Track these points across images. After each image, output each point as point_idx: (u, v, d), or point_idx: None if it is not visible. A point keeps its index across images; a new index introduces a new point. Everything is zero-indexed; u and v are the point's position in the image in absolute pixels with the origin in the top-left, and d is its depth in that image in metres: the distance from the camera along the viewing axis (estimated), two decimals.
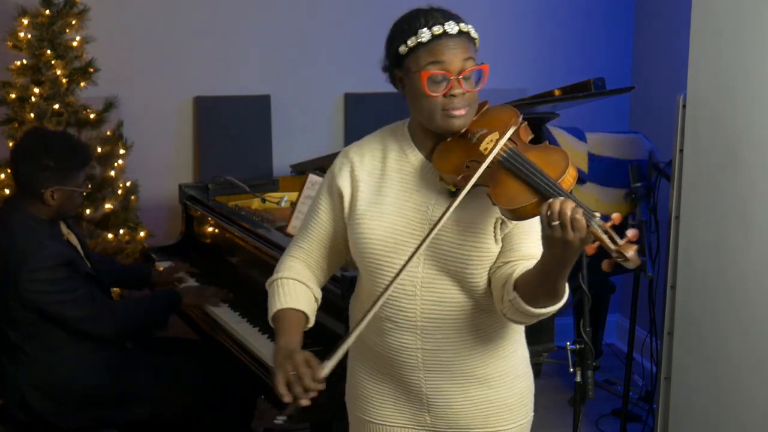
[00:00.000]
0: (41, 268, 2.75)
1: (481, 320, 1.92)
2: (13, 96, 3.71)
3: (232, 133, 4.28)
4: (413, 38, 1.82)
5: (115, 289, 3.63)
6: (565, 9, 4.69)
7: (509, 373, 1.99)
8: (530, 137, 1.88)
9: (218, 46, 4.26)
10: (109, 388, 2.89)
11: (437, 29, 1.81)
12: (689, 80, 2.94)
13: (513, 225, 1.85)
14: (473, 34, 1.85)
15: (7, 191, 3.73)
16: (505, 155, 1.77)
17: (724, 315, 2.84)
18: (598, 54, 4.71)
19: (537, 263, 1.73)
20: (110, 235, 3.83)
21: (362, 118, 4.44)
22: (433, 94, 1.81)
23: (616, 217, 1.61)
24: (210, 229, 3.60)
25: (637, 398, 4.02)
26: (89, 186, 3.00)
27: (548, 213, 1.60)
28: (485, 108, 1.92)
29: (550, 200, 1.61)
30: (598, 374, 4.14)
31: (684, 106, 2.97)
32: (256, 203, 3.58)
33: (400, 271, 1.79)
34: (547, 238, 1.63)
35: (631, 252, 1.56)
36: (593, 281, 3.00)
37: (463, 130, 1.86)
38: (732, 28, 2.74)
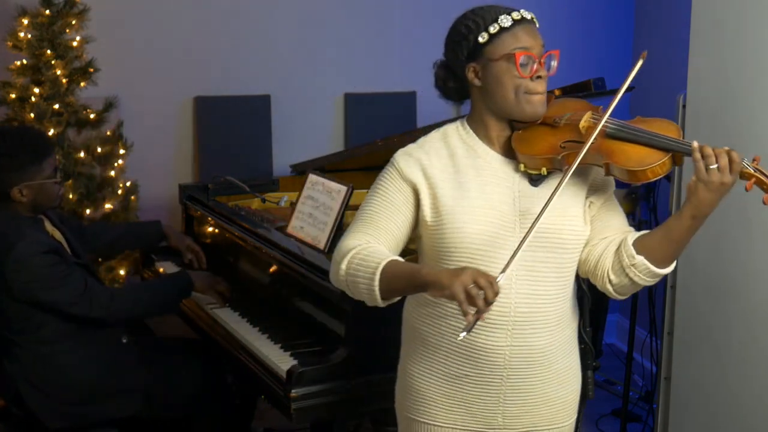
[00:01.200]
0: (27, 256, 2.73)
1: (565, 311, 1.95)
2: (13, 96, 3.71)
3: (232, 133, 4.28)
4: (495, 24, 1.85)
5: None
6: (565, 9, 4.69)
7: (575, 368, 2.04)
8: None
9: (218, 46, 4.26)
10: (104, 383, 2.87)
11: (516, 15, 1.86)
12: (689, 80, 2.94)
13: (599, 205, 1.93)
14: (537, 23, 1.92)
15: None
16: (613, 126, 1.85)
17: (724, 315, 2.84)
18: (598, 54, 4.71)
19: (671, 222, 1.83)
20: None
21: (362, 118, 4.44)
22: (525, 75, 1.84)
23: (758, 157, 1.75)
24: (210, 229, 3.59)
25: (637, 398, 4.02)
26: (60, 175, 2.94)
27: (704, 158, 1.73)
28: (552, 99, 1.99)
29: (701, 146, 1.73)
30: (598, 374, 4.14)
31: (684, 106, 2.97)
32: (256, 203, 3.58)
33: (511, 259, 1.72)
34: (704, 184, 1.74)
35: None
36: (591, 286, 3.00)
37: (541, 119, 1.91)
38: (732, 28, 2.74)
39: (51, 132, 3.68)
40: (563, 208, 1.87)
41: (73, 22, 3.75)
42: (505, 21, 1.85)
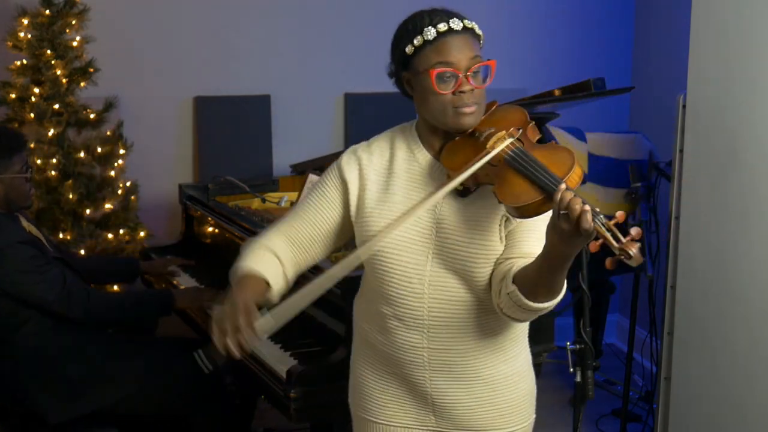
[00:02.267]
0: (6, 246, 2.76)
1: (487, 320, 1.92)
2: (13, 96, 3.71)
3: (232, 133, 4.28)
4: (419, 37, 1.83)
5: (108, 285, 3.65)
6: (565, 9, 4.69)
7: (514, 375, 2.00)
8: (538, 137, 1.90)
9: (218, 46, 4.26)
10: (95, 370, 2.89)
11: (442, 26, 1.82)
12: (689, 80, 2.94)
13: (516, 223, 1.86)
14: (477, 30, 1.87)
15: None
16: (511, 153, 1.78)
17: (724, 315, 2.84)
18: (598, 54, 4.71)
19: (538, 257, 1.73)
20: (110, 235, 3.83)
21: (362, 118, 4.44)
22: (443, 92, 1.82)
23: (620, 215, 1.60)
24: (210, 229, 3.60)
25: (637, 398, 4.02)
26: (30, 172, 2.96)
27: (559, 202, 1.61)
28: (494, 107, 1.94)
29: (563, 190, 1.62)
30: (598, 374, 4.14)
31: (684, 106, 2.97)
32: (256, 203, 3.58)
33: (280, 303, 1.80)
34: (555, 230, 1.63)
35: (634, 250, 1.56)
36: (593, 281, 3.00)
37: (472, 129, 1.88)
38: (732, 28, 2.74)
39: (51, 132, 3.69)
40: (477, 221, 1.86)
41: (73, 22, 3.75)
42: (429, 34, 1.82)
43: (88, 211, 3.81)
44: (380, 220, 1.90)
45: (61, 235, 3.72)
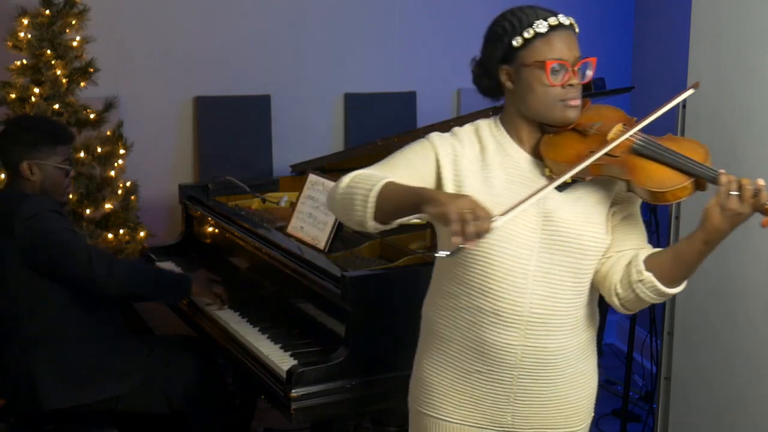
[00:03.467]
0: (36, 214, 2.81)
1: (582, 317, 1.95)
2: (13, 96, 3.71)
3: (232, 133, 4.28)
4: (530, 29, 1.84)
5: None
6: (565, 9, 4.69)
7: (588, 373, 2.02)
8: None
9: (218, 46, 4.26)
10: (104, 361, 2.90)
11: (553, 20, 1.84)
12: (689, 80, 2.94)
13: (621, 218, 1.92)
14: (577, 28, 1.89)
15: None
16: (640, 142, 1.83)
17: (724, 315, 2.84)
18: (598, 54, 4.70)
19: (682, 245, 1.82)
20: (110, 235, 3.83)
21: (362, 118, 4.44)
22: (555, 84, 1.83)
23: (761, 182, 1.72)
24: (210, 229, 3.60)
25: (637, 398, 4.02)
26: (72, 169, 3.04)
27: (727, 183, 1.71)
28: (588, 105, 1.96)
29: (728, 176, 1.72)
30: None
31: (684, 106, 2.97)
32: (256, 203, 3.58)
33: (514, 207, 1.71)
34: (723, 211, 1.72)
35: None
36: None
37: (573, 125, 1.90)
38: (732, 27, 2.74)
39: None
40: (587, 214, 1.87)
41: (73, 22, 3.75)
42: (541, 27, 1.84)
43: (88, 211, 3.81)
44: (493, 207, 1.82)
45: None
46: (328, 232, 2.86)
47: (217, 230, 3.50)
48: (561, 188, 1.88)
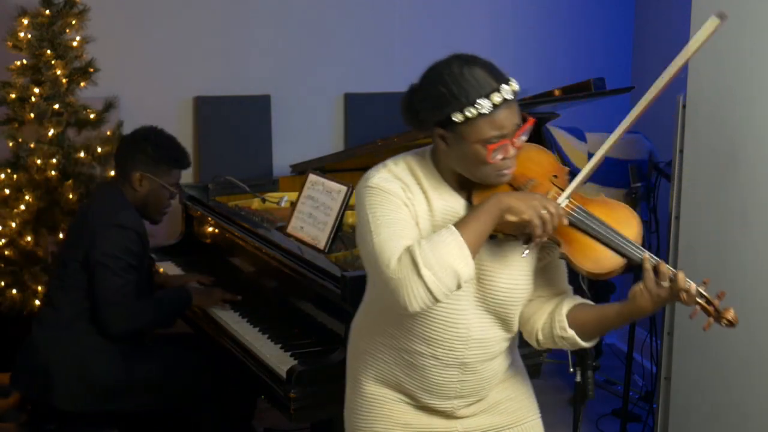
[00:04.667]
0: (129, 228, 2.88)
1: (511, 345, 2.04)
2: (13, 96, 3.71)
3: (232, 133, 4.28)
4: (472, 109, 1.72)
5: None
6: (565, 9, 4.69)
7: (519, 373, 2.12)
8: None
9: (218, 46, 4.26)
10: (119, 375, 2.91)
11: (497, 99, 1.73)
12: (689, 80, 2.94)
13: (546, 263, 1.96)
14: (517, 88, 1.78)
15: (6, 191, 3.73)
16: (576, 216, 1.79)
17: None
18: (598, 54, 4.71)
19: (611, 310, 1.86)
20: None
21: (362, 118, 4.44)
22: (494, 161, 1.76)
23: (707, 280, 1.78)
24: (210, 229, 3.59)
25: (637, 398, 4.02)
26: (177, 192, 3.13)
27: (657, 275, 1.73)
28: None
29: (656, 264, 1.73)
30: (598, 374, 4.14)
31: (684, 106, 2.97)
32: (256, 203, 3.58)
33: (572, 185, 1.83)
34: (649, 294, 1.75)
35: (730, 315, 1.73)
36: (593, 281, 3.00)
37: None
38: (732, 27, 2.74)
39: (51, 132, 3.69)
40: (519, 267, 1.91)
41: (73, 22, 3.75)
42: (484, 107, 1.72)
43: None
44: None
45: (61, 235, 3.72)
46: (328, 232, 2.86)
47: (217, 230, 3.50)
48: (493, 236, 1.82)
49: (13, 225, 3.72)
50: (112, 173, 3.59)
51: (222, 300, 3.10)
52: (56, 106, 3.70)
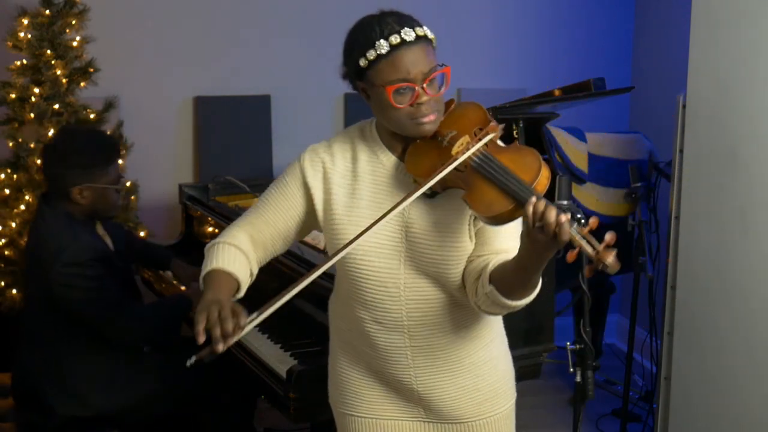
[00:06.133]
0: (74, 264, 2.73)
1: (463, 313, 1.94)
2: (13, 96, 3.71)
3: (232, 133, 4.28)
4: (372, 51, 1.79)
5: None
6: (566, 9, 4.69)
7: (493, 359, 2.03)
8: (501, 134, 1.85)
9: (218, 46, 4.26)
10: (117, 390, 2.89)
11: (394, 39, 1.77)
12: (689, 80, 2.94)
13: (482, 223, 1.87)
14: (430, 35, 1.83)
15: (6, 191, 3.73)
16: (477, 160, 1.76)
17: (724, 315, 2.84)
18: (598, 54, 4.71)
19: (514, 258, 1.74)
20: None
21: (362, 118, 4.39)
22: (400, 106, 1.79)
23: (593, 221, 1.59)
24: (210, 229, 3.59)
25: (637, 398, 4.02)
26: (124, 184, 2.97)
27: (532, 215, 1.60)
28: (452, 107, 1.90)
29: (534, 202, 1.60)
30: (598, 374, 4.14)
31: (684, 106, 2.97)
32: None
33: (267, 307, 1.81)
34: (529, 238, 1.63)
35: (610, 258, 1.54)
36: (593, 281, 3.00)
37: (433, 133, 1.85)
38: (732, 28, 2.74)
39: (51, 132, 3.69)
40: (446, 223, 1.86)
41: (73, 22, 3.75)
42: (382, 47, 1.77)
43: None
44: (350, 227, 1.88)
45: None
46: None
47: (217, 230, 3.50)
48: (430, 196, 1.85)
49: (13, 225, 3.72)
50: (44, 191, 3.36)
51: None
52: (56, 106, 3.70)
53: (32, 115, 3.68)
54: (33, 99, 3.69)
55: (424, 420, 2.03)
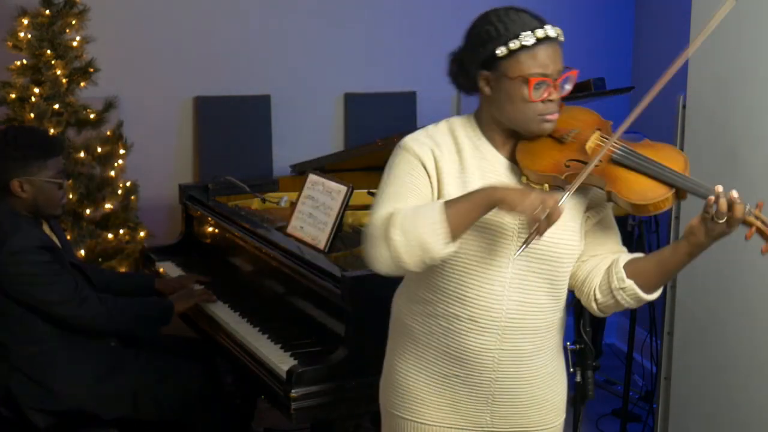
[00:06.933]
0: (22, 250, 2.73)
1: (555, 319, 1.96)
2: (13, 96, 3.71)
3: (232, 133, 4.28)
4: (516, 41, 1.78)
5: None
6: (566, 9, 4.69)
7: (561, 371, 2.05)
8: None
9: (218, 46, 4.26)
10: (92, 386, 2.85)
11: (540, 33, 1.79)
12: (689, 80, 2.94)
13: (596, 221, 1.94)
14: (562, 37, 1.86)
15: None
16: (620, 152, 1.83)
17: (724, 315, 2.84)
18: (598, 54, 4.71)
19: (664, 254, 1.85)
20: (110, 235, 3.83)
21: (362, 118, 4.45)
22: (536, 100, 1.80)
23: (761, 203, 1.75)
24: (210, 229, 3.59)
25: (637, 398, 4.02)
26: (66, 181, 2.93)
27: (715, 205, 1.72)
28: (562, 108, 1.91)
29: (718, 192, 1.73)
30: (598, 374, 4.14)
31: (684, 107, 2.97)
32: (256, 203, 3.58)
33: (571, 188, 1.76)
34: (705, 226, 1.75)
35: None
36: None
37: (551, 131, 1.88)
38: (732, 27, 2.74)
39: (51, 132, 3.68)
40: (563, 221, 1.83)
41: (73, 22, 3.75)
42: (528, 39, 1.78)
43: (88, 211, 3.81)
44: None
45: None
46: (328, 232, 2.86)
47: (217, 230, 3.50)
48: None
49: None
50: None
51: (205, 296, 3.09)
52: (56, 106, 3.70)
53: (32, 115, 3.68)
54: (33, 99, 3.69)
55: (488, 429, 1.97)
